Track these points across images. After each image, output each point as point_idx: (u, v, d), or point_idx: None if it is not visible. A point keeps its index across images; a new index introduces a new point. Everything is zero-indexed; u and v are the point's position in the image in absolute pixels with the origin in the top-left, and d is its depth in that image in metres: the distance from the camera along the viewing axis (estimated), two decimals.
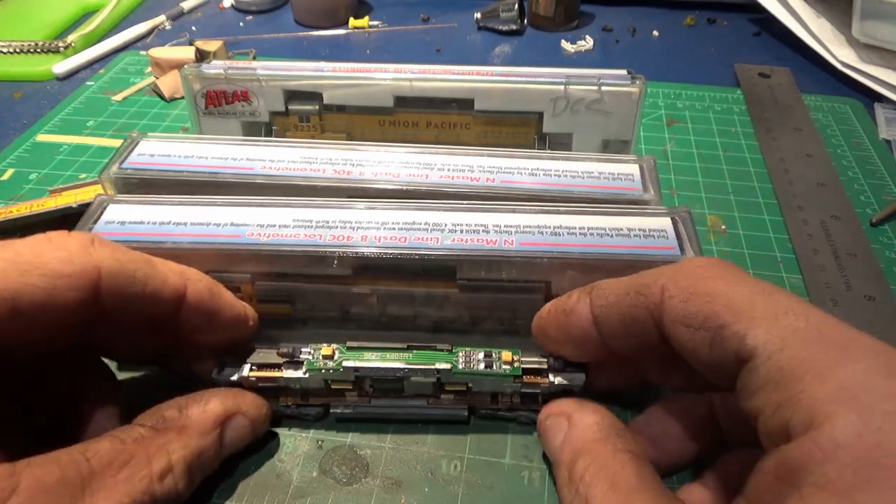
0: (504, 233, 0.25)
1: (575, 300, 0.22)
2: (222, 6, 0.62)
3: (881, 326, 0.30)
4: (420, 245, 0.25)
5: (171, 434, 0.22)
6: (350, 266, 0.25)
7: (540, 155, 0.30)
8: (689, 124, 0.45)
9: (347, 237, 0.25)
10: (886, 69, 0.48)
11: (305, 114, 0.34)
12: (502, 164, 0.29)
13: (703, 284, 0.19)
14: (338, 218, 0.26)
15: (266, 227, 0.25)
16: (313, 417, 0.26)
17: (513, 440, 0.26)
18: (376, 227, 0.25)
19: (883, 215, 0.36)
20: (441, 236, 0.25)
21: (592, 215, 0.26)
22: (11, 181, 0.39)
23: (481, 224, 0.25)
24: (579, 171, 0.29)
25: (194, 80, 0.34)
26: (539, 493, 0.24)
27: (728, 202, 0.38)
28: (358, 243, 0.25)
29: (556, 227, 0.25)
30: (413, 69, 0.33)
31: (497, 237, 0.25)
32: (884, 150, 0.42)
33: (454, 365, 0.25)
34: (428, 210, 0.26)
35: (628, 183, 0.28)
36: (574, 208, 0.26)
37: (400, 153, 0.29)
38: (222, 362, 0.25)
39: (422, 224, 0.25)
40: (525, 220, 0.26)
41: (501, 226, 0.25)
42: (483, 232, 0.25)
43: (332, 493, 0.24)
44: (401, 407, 0.26)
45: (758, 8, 0.56)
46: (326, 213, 0.26)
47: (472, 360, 0.25)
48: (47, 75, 0.51)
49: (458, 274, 0.25)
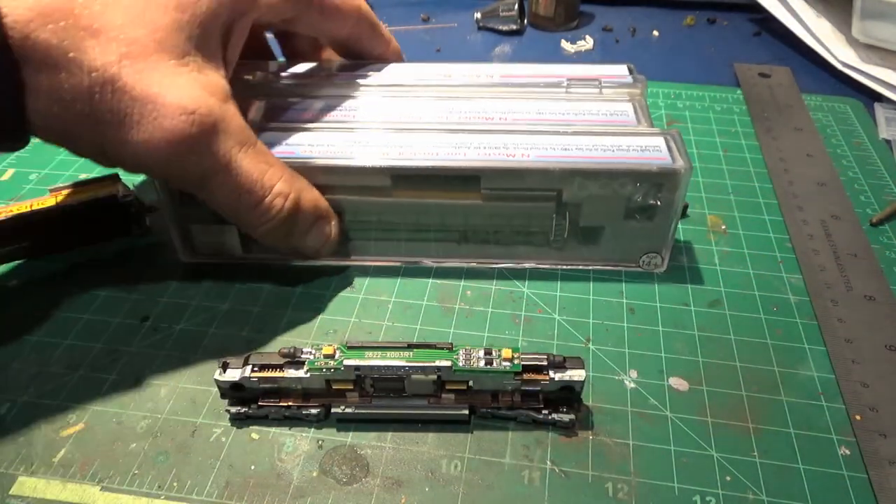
0: (521, 149, 0.30)
1: None
2: None
3: (881, 326, 0.30)
4: (449, 157, 0.30)
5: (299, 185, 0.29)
6: (390, 177, 0.30)
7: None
8: (689, 124, 0.45)
9: (386, 154, 0.30)
10: (886, 69, 0.48)
11: None
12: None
13: None
14: (380, 139, 0.31)
15: (316, 147, 0.30)
16: (314, 419, 0.26)
17: (513, 440, 0.26)
18: (411, 145, 0.30)
19: (883, 215, 0.36)
20: (468, 152, 0.30)
21: (596, 136, 0.31)
22: (11, 181, 0.39)
23: (502, 143, 0.30)
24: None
25: None
26: (539, 493, 0.24)
27: (728, 202, 0.38)
28: (396, 157, 0.30)
29: (565, 145, 0.30)
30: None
31: (515, 152, 0.30)
32: (884, 150, 0.42)
33: (454, 362, 0.25)
34: (457, 134, 0.31)
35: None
36: (580, 131, 0.31)
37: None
38: (224, 363, 0.25)
39: (452, 143, 0.30)
40: (539, 140, 0.30)
41: (519, 144, 0.30)
42: (503, 148, 0.30)
43: (332, 493, 0.24)
44: (401, 407, 0.26)
45: (758, 8, 0.56)
46: (369, 136, 0.31)
47: (473, 357, 0.25)
48: None
49: (483, 183, 0.30)
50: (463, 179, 0.30)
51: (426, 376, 0.25)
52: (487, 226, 0.31)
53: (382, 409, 0.26)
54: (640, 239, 0.32)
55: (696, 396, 0.27)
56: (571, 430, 0.26)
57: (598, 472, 0.25)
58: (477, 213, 0.31)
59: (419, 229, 0.32)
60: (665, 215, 0.30)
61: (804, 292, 0.32)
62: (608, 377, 0.28)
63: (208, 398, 0.27)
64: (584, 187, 0.29)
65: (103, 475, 0.25)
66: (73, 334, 0.30)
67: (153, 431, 0.26)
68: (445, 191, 0.30)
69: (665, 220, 0.31)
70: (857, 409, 0.27)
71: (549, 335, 0.30)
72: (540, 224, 0.31)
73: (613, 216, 0.31)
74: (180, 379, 0.28)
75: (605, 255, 0.33)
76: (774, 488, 0.24)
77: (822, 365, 0.29)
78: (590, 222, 0.31)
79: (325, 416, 0.26)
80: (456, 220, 0.31)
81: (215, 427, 0.26)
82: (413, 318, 0.31)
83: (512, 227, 0.31)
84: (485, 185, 0.30)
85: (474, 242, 0.32)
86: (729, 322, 0.31)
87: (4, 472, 0.25)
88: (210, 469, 0.25)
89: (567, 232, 0.32)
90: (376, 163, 0.29)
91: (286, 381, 0.25)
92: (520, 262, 0.33)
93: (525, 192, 0.30)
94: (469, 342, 0.29)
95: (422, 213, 0.31)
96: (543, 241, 0.32)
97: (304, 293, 0.32)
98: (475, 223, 0.31)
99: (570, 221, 0.31)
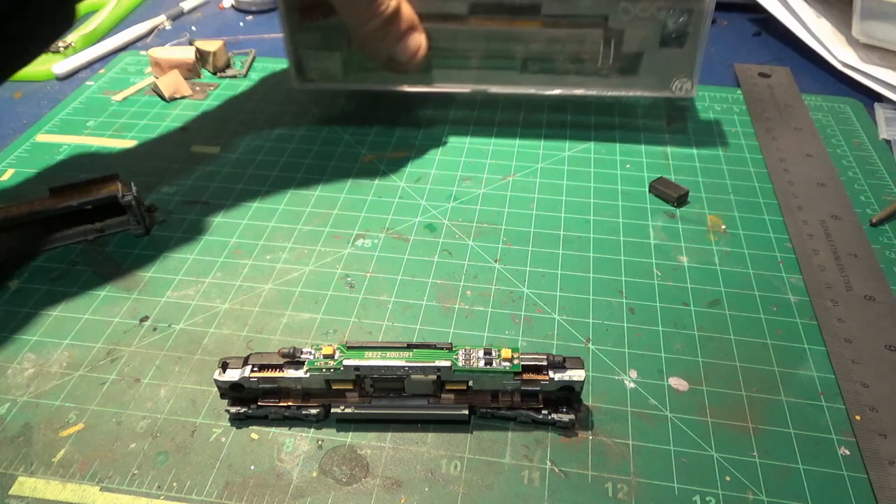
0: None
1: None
2: (222, 6, 0.62)
3: (881, 326, 0.30)
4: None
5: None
6: (467, 5, 0.37)
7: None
8: (689, 124, 0.45)
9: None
10: (886, 69, 0.48)
11: None
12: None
13: None
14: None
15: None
16: (314, 419, 0.26)
17: (513, 440, 0.26)
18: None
19: (883, 215, 0.36)
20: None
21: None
22: (11, 181, 0.39)
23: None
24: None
25: None
26: (539, 492, 0.24)
27: (728, 202, 0.38)
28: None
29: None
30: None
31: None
32: (884, 150, 0.42)
33: (454, 362, 0.25)
34: None
35: None
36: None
37: None
38: (224, 362, 0.25)
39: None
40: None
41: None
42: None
43: (332, 493, 0.24)
44: (401, 407, 0.26)
45: (758, 8, 0.56)
46: None
47: (472, 357, 0.25)
48: (47, 75, 0.51)
49: (543, 10, 0.37)
50: (527, 8, 0.37)
51: (426, 376, 0.25)
52: (545, 52, 0.39)
53: (382, 409, 0.26)
54: (673, 65, 0.39)
55: (695, 396, 0.27)
56: (571, 430, 0.26)
57: (598, 472, 0.25)
58: (536, 39, 0.38)
59: (488, 56, 0.39)
60: (693, 42, 0.38)
61: (804, 292, 0.32)
62: (608, 377, 0.28)
63: (208, 398, 0.27)
64: (627, 11, 0.37)
65: (103, 475, 0.25)
66: (73, 334, 0.30)
67: (153, 431, 0.26)
68: (512, 18, 0.38)
69: (693, 46, 0.38)
70: (857, 409, 0.27)
71: (549, 335, 0.30)
72: (590, 50, 0.38)
73: (651, 43, 0.38)
74: (180, 379, 0.28)
75: (643, 83, 0.40)
76: (774, 488, 0.24)
77: (822, 365, 0.29)
78: (631, 48, 0.38)
79: (325, 417, 0.26)
80: (519, 46, 0.39)
81: (215, 427, 0.26)
82: (413, 319, 0.31)
83: (565, 54, 0.39)
84: (545, 10, 0.37)
85: (532, 71, 0.40)
86: (729, 322, 0.31)
87: (4, 472, 0.25)
88: (210, 469, 0.25)
89: (612, 59, 0.39)
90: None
91: (286, 381, 0.25)
92: (570, 90, 0.40)
93: (577, 18, 0.37)
94: (469, 342, 0.29)
95: (491, 39, 0.39)
96: (592, 69, 0.39)
97: (304, 293, 0.32)
98: (534, 50, 0.39)
99: (614, 48, 0.38)
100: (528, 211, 0.37)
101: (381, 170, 0.40)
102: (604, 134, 0.44)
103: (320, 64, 0.40)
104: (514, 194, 0.38)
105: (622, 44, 0.38)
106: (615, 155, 0.42)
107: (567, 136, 0.43)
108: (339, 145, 0.42)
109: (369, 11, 0.34)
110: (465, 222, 0.36)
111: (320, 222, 0.36)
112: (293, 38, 0.40)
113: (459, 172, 0.40)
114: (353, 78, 0.41)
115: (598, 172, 0.40)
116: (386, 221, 0.36)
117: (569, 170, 0.40)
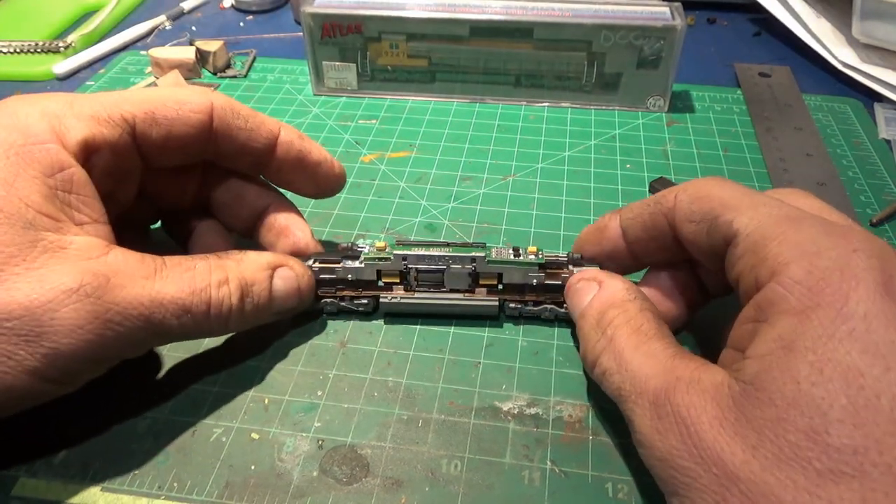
0: (562, 9, 0.44)
1: (608, 218, 0.28)
2: (222, 6, 0.62)
3: None
4: (511, 14, 0.43)
5: (231, 262, 0.26)
6: (468, 28, 0.43)
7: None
8: (689, 124, 0.45)
9: (462, 9, 0.43)
10: (886, 69, 0.48)
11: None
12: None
13: (706, 189, 0.24)
14: (459, 2, 0.44)
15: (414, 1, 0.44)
16: (365, 308, 0.30)
17: (513, 440, 0.26)
18: (485, 6, 0.44)
19: (883, 215, 0.36)
20: (525, 11, 0.43)
21: (617, 5, 0.44)
22: None
23: (549, 5, 0.44)
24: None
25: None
26: (539, 492, 0.24)
27: None
28: (472, 12, 0.43)
29: (595, 9, 0.44)
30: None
31: (559, 11, 0.43)
32: (884, 150, 0.42)
33: (488, 254, 0.29)
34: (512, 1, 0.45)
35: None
36: (608, 0, 0.44)
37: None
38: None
39: (515, 5, 0.44)
40: (574, 6, 0.44)
41: (562, 6, 0.44)
42: (549, 7, 0.44)
43: (332, 492, 0.24)
44: (440, 299, 0.29)
45: (758, 8, 0.56)
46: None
47: (503, 253, 0.29)
48: (47, 75, 0.51)
49: (535, 34, 0.43)
50: (521, 31, 0.43)
51: (463, 266, 0.29)
52: (536, 70, 0.45)
53: (424, 300, 0.29)
54: (648, 84, 0.44)
55: None
56: None
57: (598, 472, 0.25)
58: (529, 59, 0.44)
59: (486, 72, 0.45)
60: (666, 64, 0.43)
61: None
62: None
63: (208, 398, 0.27)
64: (608, 38, 0.42)
65: (104, 475, 0.25)
66: None
67: (153, 431, 0.26)
68: (507, 41, 0.43)
69: (666, 68, 0.44)
70: None
71: (549, 335, 0.30)
72: (575, 69, 0.44)
73: (629, 65, 0.44)
74: (181, 379, 0.28)
75: (622, 99, 0.45)
76: None
77: None
78: (611, 69, 0.44)
79: (375, 309, 0.30)
80: (513, 65, 0.45)
81: (215, 427, 0.26)
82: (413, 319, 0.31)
83: (554, 72, 0.45)
84: (536, 35, 0.43)
85: (526, 86, 0.46)
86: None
87: (6, 472, 0.25)
88: (210, 469, 0.25)
89: (595, 77, 0.44)
90: (459, 16, 0.43)
91: (343, 271, 0.29)
92: (558, 103, 0.46)
93: (564, 43, 0.43)
94: (469, 342, 0.29)
95: (489, 58, 0.44)
96: (577, 86, 0.45)
97: None
98: (527, 68, 0.45)
99: (596, 69, 0.44)
100: (529, 211, 0.37)
101: (381, 170, 0.40)
102: (604, 134, 0.44)
103: (338, 74, 0.46)
104: (515, 194, 0.38)
105: (604, 65, 0.44)
106: (615, 155, 0.42)
107: (567, 135, 0.43)
108: (339, 145, 0.42)
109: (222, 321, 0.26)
110: (466, 222, 0.36)
111: (320, 222, 0.36)
112: (314, 51, 0.45)
113: (459, 172, 0.40)
114: (366, 87, 0.46)
115: (598, 172, 0.40)
116: (386, 221, 0.36)
117: (569, 170, 0.40)
